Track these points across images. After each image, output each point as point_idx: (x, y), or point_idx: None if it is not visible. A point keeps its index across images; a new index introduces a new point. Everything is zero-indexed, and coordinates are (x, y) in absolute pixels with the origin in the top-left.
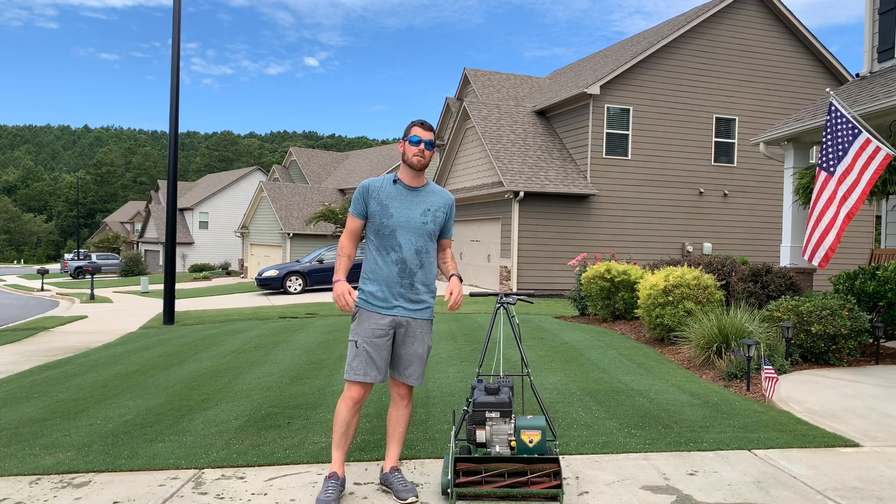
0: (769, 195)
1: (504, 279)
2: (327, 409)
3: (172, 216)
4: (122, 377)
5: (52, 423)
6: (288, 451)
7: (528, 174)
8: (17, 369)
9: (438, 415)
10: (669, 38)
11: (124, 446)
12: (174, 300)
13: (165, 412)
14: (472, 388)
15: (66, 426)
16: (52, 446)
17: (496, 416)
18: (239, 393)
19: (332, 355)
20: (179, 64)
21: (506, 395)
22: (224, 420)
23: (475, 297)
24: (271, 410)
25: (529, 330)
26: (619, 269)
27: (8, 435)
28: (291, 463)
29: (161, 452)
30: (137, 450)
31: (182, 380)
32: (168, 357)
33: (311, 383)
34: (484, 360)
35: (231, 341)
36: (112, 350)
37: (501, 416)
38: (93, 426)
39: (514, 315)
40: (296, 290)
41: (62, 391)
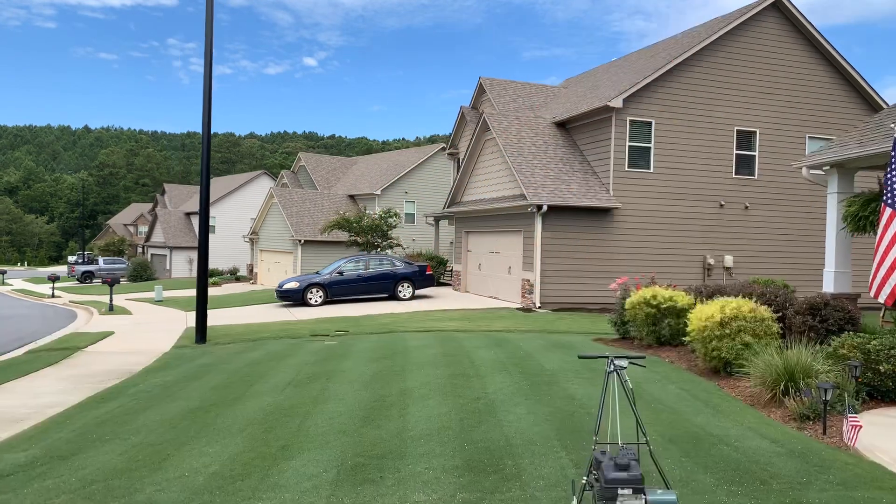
0: (790, 208)
1: (526, 292)
2: (413, 459)
3: (205, 237)
4: (187, 416)
5: (140, 475)
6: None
7: (551, 187)
8: (70, 399)
9: (529, 468)
10: (692, 51)
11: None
12: (206, 319)
13: (250, 462)
14: (595, 459)
15: (155, 479)
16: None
17: (628, 492)
18: (315, 438)
19: (391, 390)
20: (212, 71)
21: (637, 472)
22: (314, 473)
23: (584, 358)
24: (357, 461)
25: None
26: (666, 296)
27: (101, 490)
28: None
29: None
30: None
31: (251, 420)
32: (224, 390)
33: (385, 426)
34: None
35: (279, 371)
36: (159, 378)
37: (633, 493)
38: (182, 479)
39: (626, 379)
40: (316, 302)
41: (132, 433)
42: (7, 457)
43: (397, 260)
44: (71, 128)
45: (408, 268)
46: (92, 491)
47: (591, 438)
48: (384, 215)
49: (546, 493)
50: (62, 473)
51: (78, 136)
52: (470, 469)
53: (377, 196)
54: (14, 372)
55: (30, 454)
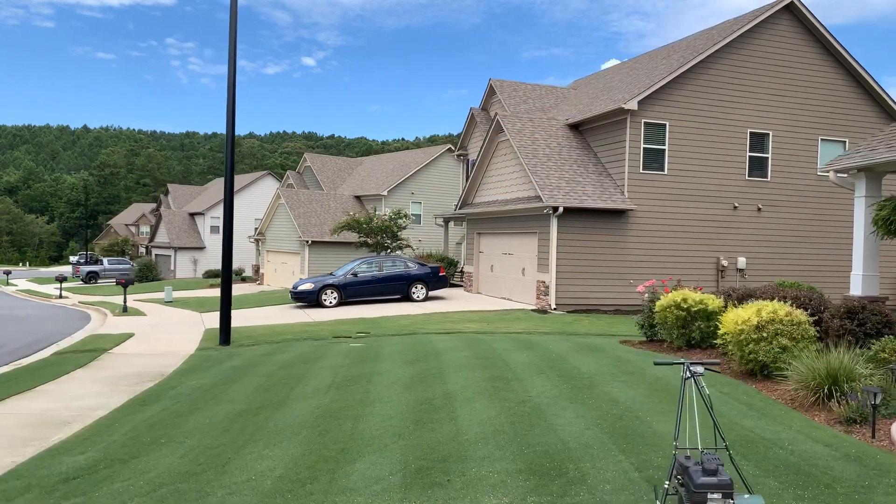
0: (802, 210)
1: (542, 294)
2: (475, 463)
3: (228, 241)
4: (235, 419)
5: (206, 479)
6: None
7: (566, 189)
8: (110, 402)
9: (592, 472)
10: (706, 53)
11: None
12: (230, 321)
13: (313, 465)
14: (680, 464)
15: (223, 482)
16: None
17: (717, 497)
18: (371, 441)
19: (434, 393)
20: (235, 77)
21: (726, 477)
22: (380, 476)
23: (659, 365)
24: (420, 464)
25: (613, 361)
26: (696, 299)
27: (172, 493)
28: None
29: None
30: None
31: (302, 423)
32: (266, 393)
33: (439, 429)
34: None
35: (316, 374)
36: (194, 380)
37: (723, 498)
38: (250, 482)
39: (703, 385)
40: (331, 303)
41: (185, 436)
42: (67, 459)
43: (411, 261)
44: (70, 127)
45: (421, 269)
46: (163, 494)
47: (644, 442)
48: (394, 216)
49: (615, 497)
50: (128, 476)
51: (77, 136)
52: (533, 472)
53: (384, 197)
54: (47, 374)
55: (88, 457)
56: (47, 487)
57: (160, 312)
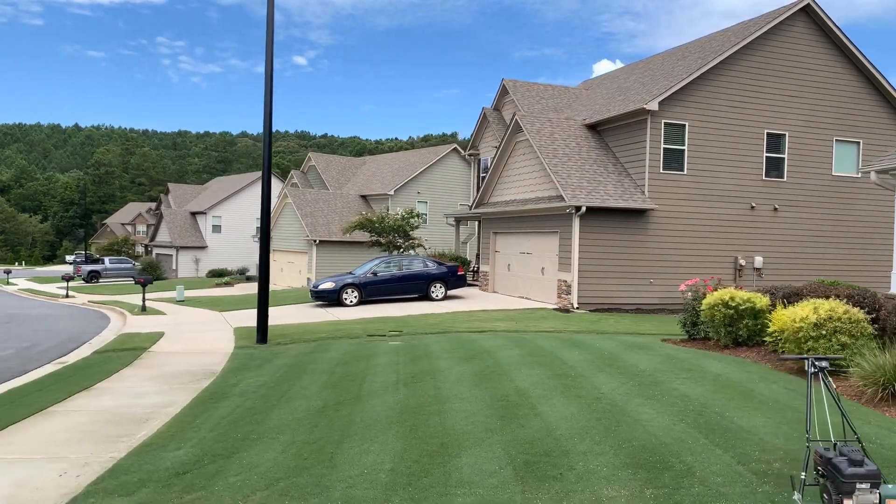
0: (818, 210)
1: (563, 293)
2: (578, 457)
3: (265, 241)
4: (318, 414)
5: (319, 472)
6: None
7: (588, 189)
8: (176, 399)
9: (697, 465)
10: (725, 55)
11: (432, 500)
12: (267, 320)
13: (419, 459)
14: (821, 456)
15: (338, 476)
16: (352, 501)
17: (866, 486)
18: (467, 436)
19: (505, 390)
20: (272, 76)
21: (873, 467)
22: (491, 470)
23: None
24: (525, 458)
25: (665, 359)
26: (744, 297)
27: (292, 487)
28: None
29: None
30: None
31: (388, 418)
32: (335, 390)
33: (528, 425)
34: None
35: (375, 371)
36: (251, 378)
37: (871, 487)
38: (364, 476)
39: (830, 380)
40: (352, 302)
41: (275, 431)
42: (166, 455)
43: (429, 261)
44: (61, 126)
45: (440, 268)
46: (283, 488)
47: (734, 437)
48: (406, 216)
49: (729, 489)
50: (238, 471)
51: (68, 135)
52: (640, 466)
53: (390, 196)
54: (98, 372)
55: (187, 452)
56: (162, 481)
57: (178, 312)
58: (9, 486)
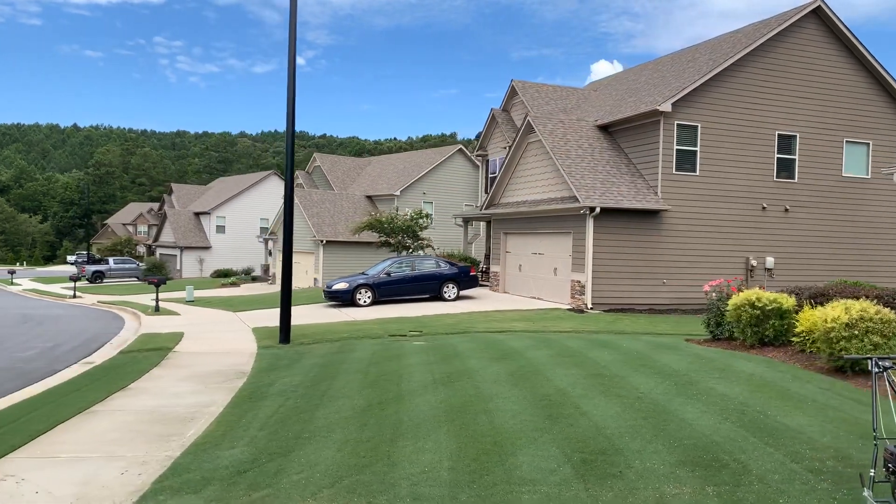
0: (828, 211)
1: (577, 293)
2: (634, 455)
3: (289, 242)
4: (363, 413)
5: (379, 470)
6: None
7: (601, 189)
8: (216, 399)
9: (751, 463)
10: (737, 56)
11: (499, 497)
12: (290, 321)
13: (477, 457)
14: (890, 452)
15: (400, 474)
16: (420, 498)
17: None
18: (519, 434)
19: (546, 390)
20: (295, 80)
21: None
22: (551, 468)
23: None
24: (582, 457)
25: (695, 359)
26: (770, 298)
27: (357, 484)
28: None
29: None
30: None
31: (435, 417)
32: (374, 389)
33: (577, 424)
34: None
35: (409, 371)
36: (286, 378)
37: None
38: (426, 474)
39: (893, 379)
40: (365, 302)
41: (325, 430)
42: (222, 453)
43: (442, 261)
44: (60, 126)
45: (452, 269)
46: (349, 485)
47: (782, 436)
48: (415, 216)
49: (789, 487)
50: (299, 469)
51: (67, 135)
52: (696, 464)
53: (396, 197)
54: (129, 372)
55: (242, 451)
56: (225, 479)
57: (191, 312)
58: (74, 485)
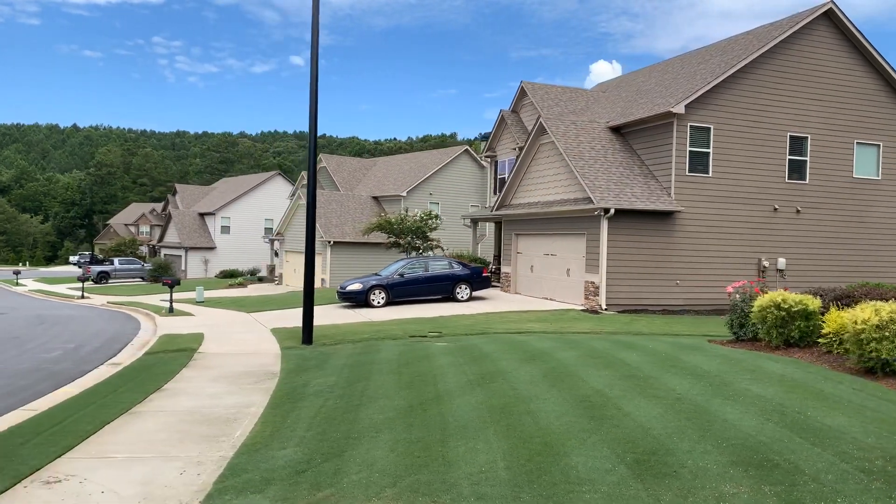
0: (838, 212)
1: (591, 294)
2: (685, 455)
3: (311, 242)
4: (406, 414)
5: (437, 470)
6: None
7: (615, 191)
8: (253, 399)
9: (802, 463)
10: (749, 59)
11: (561, 496)
12: (312, 322)
13: (530, 458)
14: None
15: (459, 474)
16: (484, 497)
17: None
18: (567, 436)
19: (583, 391)
20: (317, 81)
21: None
22: (606, 468)
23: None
24: (634, 457)
25: (724, 360)
26: (796, 300)
27: (419, 484)
28: None
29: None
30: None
31: (479, 418)
32: (410, 390)
33: (623, 425)
34: None
35: (442, 371)
36: (320, 378)
37: None
38: (485, 474)
39: None
40: (379, 303)
41: (372, 430)
42: (275, 454)
43: (454, 262)
44: (59, 126)
45: (465, 270)
46: (410, 485)
47: (826, 436)
48: (425, 217)
49: (843, 486)
50: (358, 469)
51: (67, 135)
52: (747, 464)
53: (402, 197)
54: (160, 373)
55: (296, 451)
56: (286, 479)
57: (205, 313)
58: (137, 485)
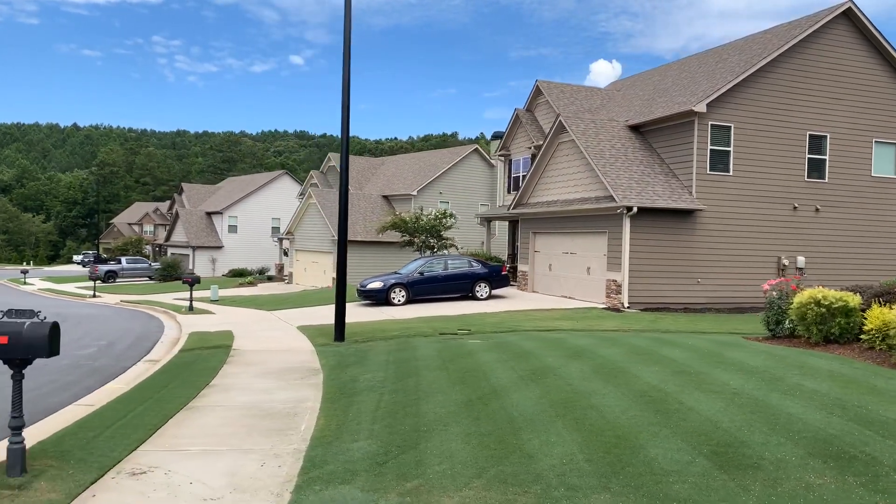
0: (857, 210)
1: (613, 292)
2: (761, 447)
3: (343, 240)
4: (469, 408)
5: (517, 461)
6: None
7: (637, 189)
8: (305, 394)
9: (878, 455)
10: (769, 58)
11: (650, 486)
12: (344, 319)
13: (609, 451)
14: None
15: (542, 465)
16: (573, 488)
17: None
18: (637, 429)
19: (638, 386)
20: (349, 84)
21: None
22: (686, 459)
23: None
24: (710, 449)
25: (768, 357)
26: (836, 297)
27: (507, 475)
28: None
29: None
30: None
31: (543, 412)
32: (464, 385)
33: (689, 418)
34: None
35: (490, 367)
36: (369, 374)
37: None
38: (566, 465)
39: None
40: (399, 301)
41: (439, 424)
42: (351, 447)
43: (474, 260)
44: (59, 125)
45: (484, 268)
46: (495, 475)
47: (892, 429)
48: (439, 216)
49: None
50: (439, 461)
51: (67, 134)
52: (825, 456)
53: (413, 197)
54: (204, 370)
55: (369, 444)
56: (369, 470)
57: (224, 312)
58: (222, 476)
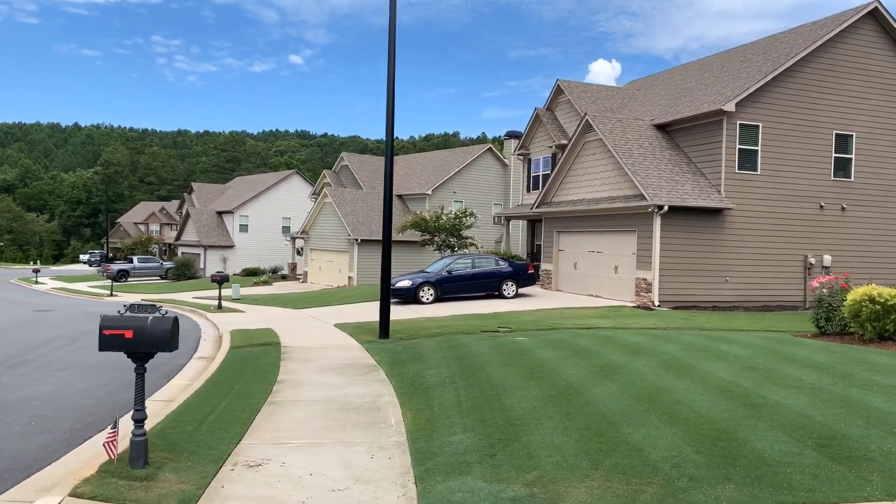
0: (884, 209)
1: (642, 291)
2: (861, 440)
3: (388, 238)
4: (554, 402)
5: (627, 454)
6: None
7: (667, 188)
8: (377, 390)
9: None
10: (798, 57)
11: (770, 477)
12: (389, 317)
13: (715, 442)
14: None
15: (652, 458)
16: (694, 478)
17: None
18: (731, 422)
19: (716, 380)
20: (394, 85)
21: None
22: (793, 451)
23: None
24: (816, 441)
25: (829, 354)
26: (891, 294)
27: (623, 468)
28: None
29: None
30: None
31: (630, 407)
32: (536, 381)
33: (780, 412)
34: None
35: (553, 364)
36: (434, 370)
37: None
38: (678, 456)
39: None
40: (428, 300)
41: (531, 418)
42: (452, 440)
43: (500, 259)
44: (61, 125)
45: (511, 267)
46: (612, 466)
47: None
48: (460, 214)
49: None
50: (548, 453)
51: (69, 134)
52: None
53: (427, 196)
54: (263, 366)
55: (469, 437)
56: (483, 462)
57: (252, 310)
58: (338, 468)
